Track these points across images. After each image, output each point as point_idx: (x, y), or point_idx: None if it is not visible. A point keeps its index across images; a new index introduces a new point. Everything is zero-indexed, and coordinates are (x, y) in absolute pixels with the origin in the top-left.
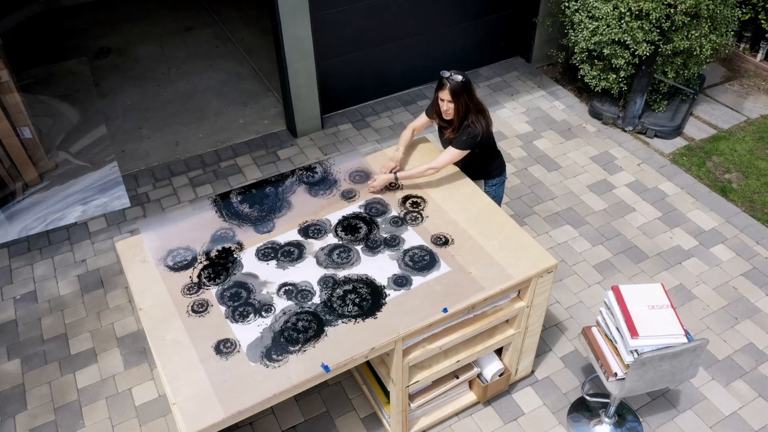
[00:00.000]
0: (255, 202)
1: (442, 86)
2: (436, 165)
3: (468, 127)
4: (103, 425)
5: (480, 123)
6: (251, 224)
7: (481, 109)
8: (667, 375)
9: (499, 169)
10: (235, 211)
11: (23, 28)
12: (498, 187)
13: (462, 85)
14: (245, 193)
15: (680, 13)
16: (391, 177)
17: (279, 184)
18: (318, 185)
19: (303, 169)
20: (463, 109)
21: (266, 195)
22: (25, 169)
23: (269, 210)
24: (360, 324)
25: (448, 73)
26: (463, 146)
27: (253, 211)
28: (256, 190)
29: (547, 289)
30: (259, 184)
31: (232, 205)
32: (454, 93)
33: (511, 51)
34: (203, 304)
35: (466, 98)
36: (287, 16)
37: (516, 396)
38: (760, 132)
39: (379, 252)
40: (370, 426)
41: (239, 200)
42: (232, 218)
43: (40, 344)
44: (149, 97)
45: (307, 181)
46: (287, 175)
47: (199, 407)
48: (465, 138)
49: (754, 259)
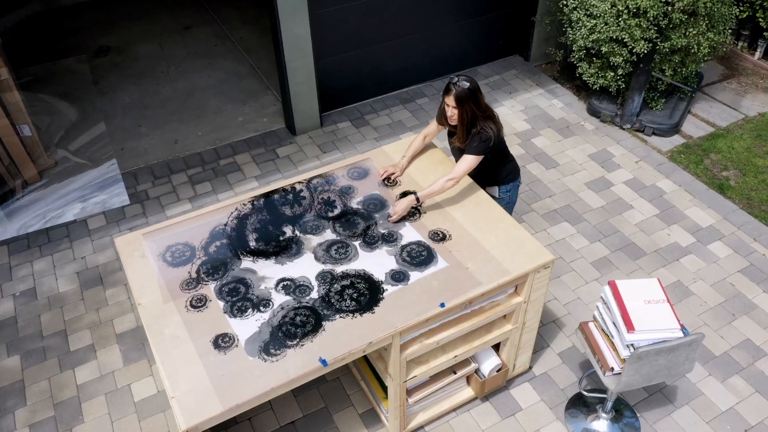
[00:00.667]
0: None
1: (448, 91)
2: (454, 176)
3: (478, 134)
4: (102, 421)
5: (491, 128)
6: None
7: (489, 115)
8: (663, 369)
9: (513, 174)
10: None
11: (23, 26)
12: (512, 192)
13: (468, 92)
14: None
15: (678, 11)
16: (412, 199)
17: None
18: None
19: (322, 203)
20: (468, 116)
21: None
22: (25, 167)
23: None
24: (358, 319)
25: (455, 78)
26: (477, 152)
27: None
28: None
29: (544, 284)
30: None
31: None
32: (459, 99)
33: (510, 49)
34: (202, 299)
35: (472, 106)
36: (286, 14)
37: (513, 392)
38: (757, 130)
39: (376, 247)
40: (368, 421)
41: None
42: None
43: (40, 340)
44: (148, 95)
45: (325, 215)
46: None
47: (198, 401)
48: (477, 144)
49: (752, 256)
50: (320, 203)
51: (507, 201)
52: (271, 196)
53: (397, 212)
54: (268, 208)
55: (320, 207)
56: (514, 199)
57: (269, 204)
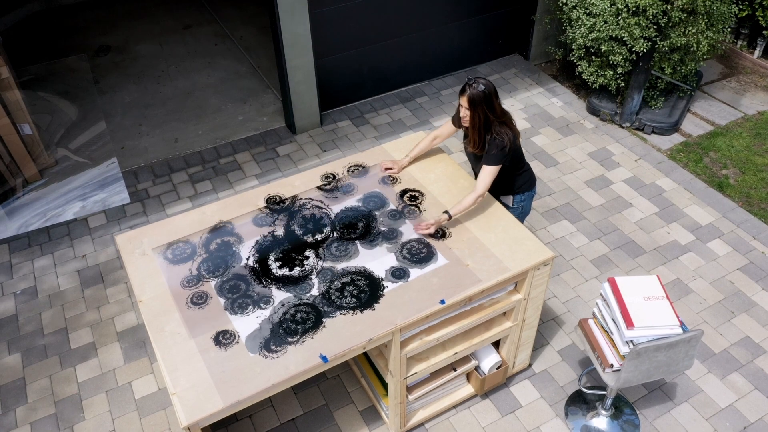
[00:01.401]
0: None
1: (462, 92)
2: (481, 191)
3: (494, 140)
4: (103, 418)
5: (506, 134)
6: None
7: (505, 121)
8: (662, 366)
9: (528, 183)
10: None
11: (23, 25)
12: (526, 202)
13: (482, 95)
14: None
15: (677, 10)
16: (445, 218)
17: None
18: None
19: (343, 227)
20: (480, 120)
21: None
22: (25, 166)
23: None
24: (358, 315)
25: (472, 80)
26: (496, 161)
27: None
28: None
29: (544, 281)
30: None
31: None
32: (472, 102)
33: (510, 48)
34: (202, 296)
35: (486, 109)
36: (286, 13)
37: (513, 389)
38: (757, 128)
39: (377, 245)
40: (368, 419)
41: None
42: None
43: (41, 338)
44: (149, 94)
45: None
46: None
47: (198, 397)
48: (494, 152)
49: (751, 254)
50: (342, 228)
51: (520, 211)
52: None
53: (430, 229)
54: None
55: (342, 230)
56: (528, 209)
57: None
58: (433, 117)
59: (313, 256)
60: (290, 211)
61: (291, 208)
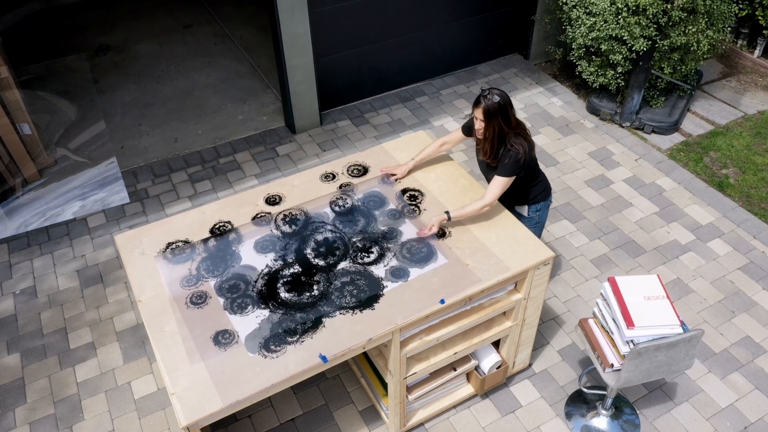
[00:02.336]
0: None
1: (477, 103)
2: (489, 201)
3: (509, 151)
4: (102, 418)
5: (521, 145)
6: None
7: (520, 132)
8: (663, 365)
9: (544, 193)
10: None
11: (23, 25)
12: (542, 212)
13: (497, 107)
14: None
15: (677, 9)
16: (444, 218)
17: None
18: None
19: (358, 251)
20: (495, 132)
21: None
22: (24, 165)
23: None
24: (358, 315)
25: (486, 91)
26: (509, 172)
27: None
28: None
29: (544, 281)
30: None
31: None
32: (487, 114)
33: (509, 48)
34: (202, 295)
35: (501, 122)
36: (285, 12)
37: (513, 389)
38: (757, 128)
39: (377, 244)
40: (368, 419)
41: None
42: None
43: (40, 338)
44: (148, 93)
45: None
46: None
47: (198, 397)
48: (507, 162)
49: (751, 254)
50: (355, 250)
51: (536, 221)
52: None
53: (432, 229)
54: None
55: (355, 255)
56: (544, 219)
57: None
58: (433, 116)
59: (324, 281)
60: (303, 235)
61: (303, 232)
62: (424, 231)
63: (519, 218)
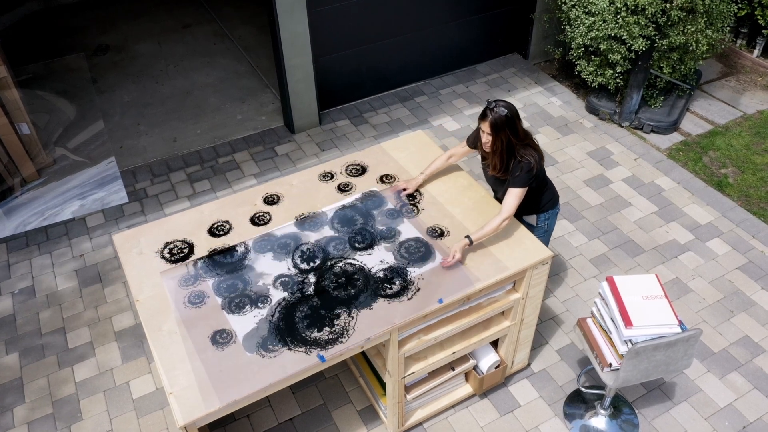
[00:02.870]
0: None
1: (484, 116)
2: (507, 215)
3: (520, 163)
4: (100, 418)
5: (531, 155)
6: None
7: (528, 143)
8: (661, 365)
9: (552, 201)
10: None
11: (22, 24)
12: (551, 220)
13: (505, 120)
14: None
15: (676, 8)
16: (466, 243)
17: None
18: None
19: (380, 281)
20: (503, 145)
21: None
22: (23, 165)
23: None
24: (355, 314)
25: (493, 104)
26: (523, 183)
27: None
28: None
29: (543, 280)
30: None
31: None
32: (495, 127)
33: (509, 47)
34: (200, 295)
35: (509, 134)
36: (284, 12)
37: (512, 388)
38: (756, 127)
39: (375, 244)
40: (366, 418)
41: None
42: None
43: (38, 338)
44: (147, 93)
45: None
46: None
47: (195, 397)
48: (519, 174)
49: (750, 253)
50: (376, 281)
51: (545, 229)
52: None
53: (457, 259)
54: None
55: (377, 285)
56: (552, 227)
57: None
58: (432, 116)
59: (345, 315)
60: (322, 270)
61: (323, 267)
62: (447, 261)
63: (528, 228)
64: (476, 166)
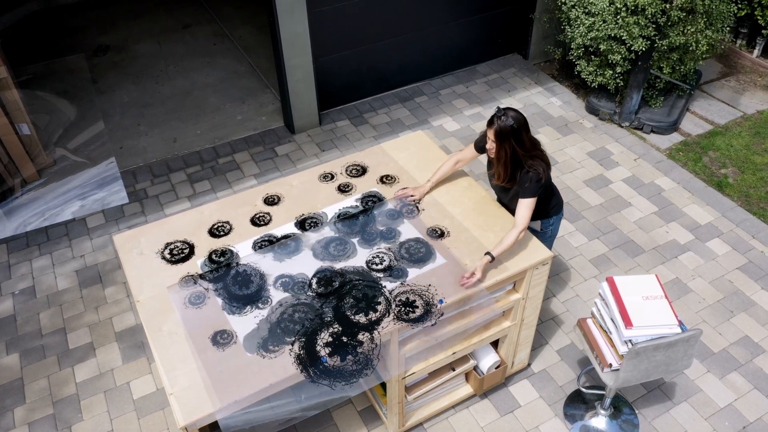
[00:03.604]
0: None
1: (490, 123)
2: (522, 227)
3: (527, 173)
4: (101, 419)
5: (540, 166)
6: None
7: (536, 154)
8: (661, 365)
9: (557, 207)
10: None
11: (22, 25)
12: (555, 225)
13: (509, 129)
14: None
15: (676, 9)
16: (487, 260)
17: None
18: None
19: (402, 305)
20: (507, 155)
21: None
22: (23, 166)
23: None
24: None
25: (501, 111)
26: (533, 193)
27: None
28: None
29: (543, 281)
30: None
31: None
32: (499, 136)
33: (509, 47)
34: (200, 295)
35: (514, 144)
36: (284, 12)
37: (512, 388)
38: (756, 127)
39: (375, 244)
40: (366, 419)
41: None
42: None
43: (39, 338)
44: (147, 93)
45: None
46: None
47: (196, 397)
48: (528, 185)
49: (750, 253)
50: (398, 305)
51: (549, 234)
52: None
53: (475, 275)
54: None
55: (399, 310)
56: (556, 232)
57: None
58: (432, 116)
59: (368, 341)
60: (339, 294)
61: (341, 291)
62: (466, 278)
63: (533, 233)
64: (476, 166)
